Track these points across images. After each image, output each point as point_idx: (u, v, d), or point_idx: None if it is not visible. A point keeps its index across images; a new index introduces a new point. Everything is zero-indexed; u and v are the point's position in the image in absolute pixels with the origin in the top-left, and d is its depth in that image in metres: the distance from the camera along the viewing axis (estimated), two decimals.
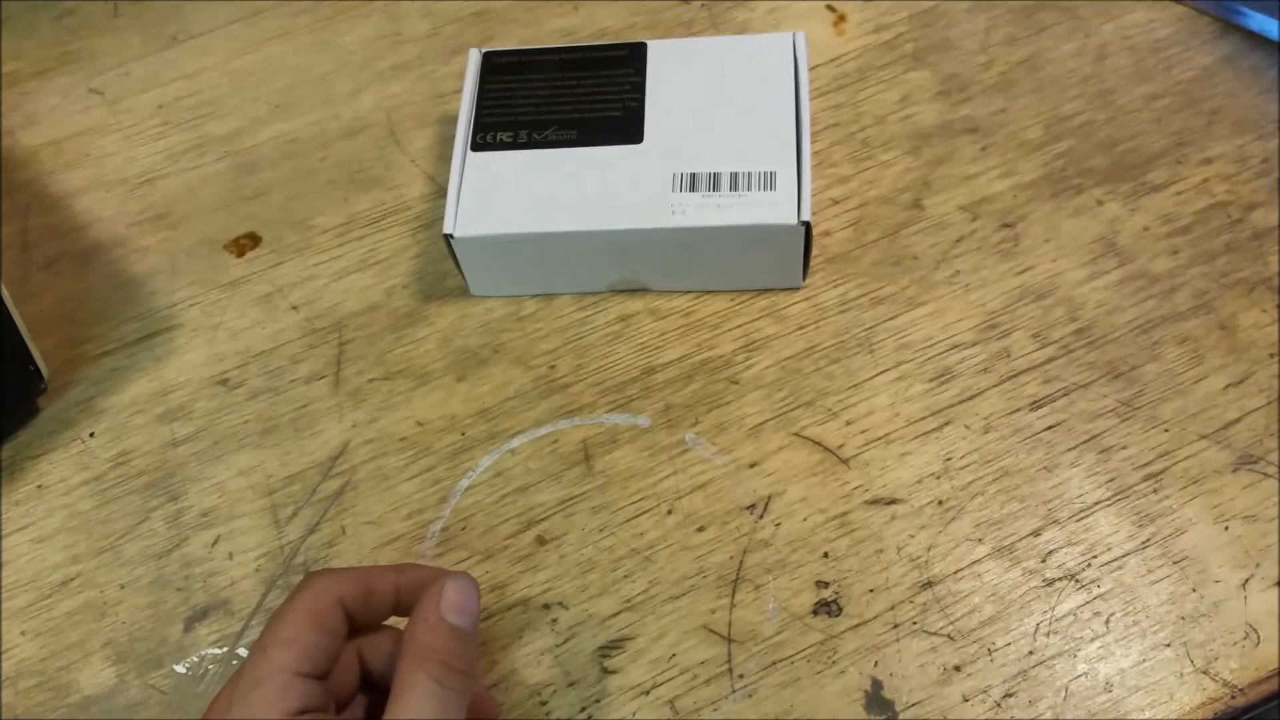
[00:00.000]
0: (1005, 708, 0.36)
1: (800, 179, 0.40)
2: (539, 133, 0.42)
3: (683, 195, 0.40)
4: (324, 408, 0.42)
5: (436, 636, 0.30)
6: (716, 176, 0.41)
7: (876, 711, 0.36)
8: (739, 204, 0.40)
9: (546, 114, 0.43)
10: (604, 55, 0.44)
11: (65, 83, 0.49)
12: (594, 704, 0.36)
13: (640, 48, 0.44)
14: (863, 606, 0.37)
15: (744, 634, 0.37)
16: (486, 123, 0.43)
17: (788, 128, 0.42)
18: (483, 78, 0.44)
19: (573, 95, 0.43)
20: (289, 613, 0.30)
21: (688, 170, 0.41)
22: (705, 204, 0.40)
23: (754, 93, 0.43)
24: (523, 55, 0.44)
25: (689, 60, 0.44)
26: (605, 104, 0.43)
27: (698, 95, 0.43)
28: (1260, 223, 0.44)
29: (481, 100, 0.43)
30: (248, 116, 0.48)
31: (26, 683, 0.37)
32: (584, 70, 0.44)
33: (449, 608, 0.30)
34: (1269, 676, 0.36)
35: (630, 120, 0.42)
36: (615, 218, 0.40)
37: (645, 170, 0.41)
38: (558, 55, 0.44)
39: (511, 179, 0.41)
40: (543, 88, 0.43)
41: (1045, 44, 0.48)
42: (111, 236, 0.46)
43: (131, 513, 0.40)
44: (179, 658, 0.37)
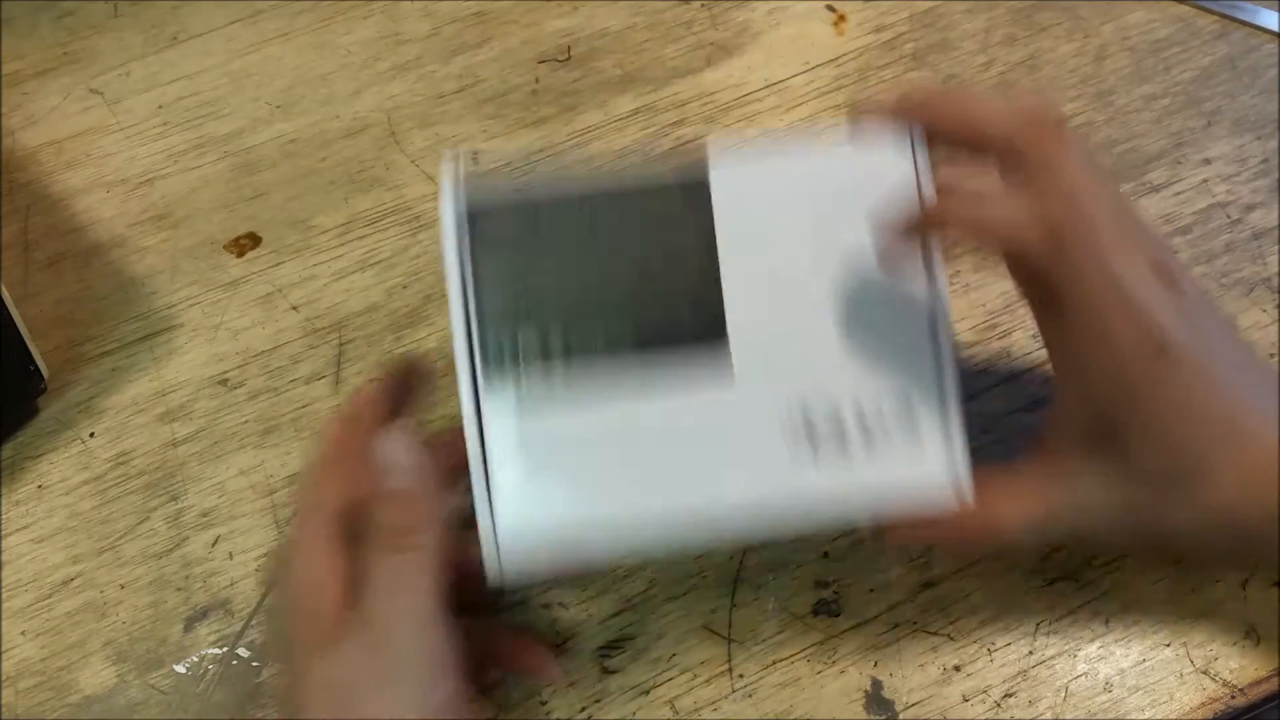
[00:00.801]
0: (1005, 708, 0.36)
1: (946, 408, 0.30)
2: (578, 330, 0.30)
3: (799, 450, 0.30)
4: (324, 408, 0.42)
5: (376, 504, 0.29)
6: (838, 415, 0.30)
7: (876, 711, 0.36)
8: (874, 461, 0.30)
9: (583, 298, 0.30)
10: (649, 200, 0.30)
11: (65, 83, 0.49)
12: (594, 704, 0.36)
13: (698, 171, 0.31)
14: (863, 606, 0.37)
15: (744, 634, 0.37)
16: (496, 314, 0.30)
17: (917, 318, 0.30)
18: (475, 243, 0.30)
19: (615, 264, 0.30)
20: (320, 456, 0.32)
21: (799, 409, 0.30)
22: (830, 465, 0.30)
23: (864, 248, 0.30)
24: (518, 199, 0.30)
25: (769, 202, 0.30)
26: (665, 287, 0.30)
27: (789, 261, 0.30)
28: (1260, 223, 0.44)
29: (480, 277, 0.29)
30: (248, 117, 0.48)
31: (27, 683, 0.37)
32: (623, 216, 0.30)
33: (381, 471, 0.29)
34: (1269, 676, 0.36)
35: (705, 317, 0.30)
36: (712, 495, 0.30)
37: (741, 411, 0.30)
38: (580, 191, 0.30)
39: (561, 443, 0.29)
40: (568, 250, 0.30)
41: (1045, 44, 0.48)
42: (112, 237, 0.46)
43: (131, 513, 0.40)
44: (179, 658, 0.37)
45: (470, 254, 0.29)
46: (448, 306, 0.29)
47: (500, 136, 0.47)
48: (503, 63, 0.49)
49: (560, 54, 0.49)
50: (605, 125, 0.47)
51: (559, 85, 0.48)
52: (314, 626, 0.29)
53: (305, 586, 0.30)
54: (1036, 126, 0.30)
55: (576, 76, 0.48)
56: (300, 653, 0.29)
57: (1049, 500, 0.30)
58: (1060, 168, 0.29)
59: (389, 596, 0.28)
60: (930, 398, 0.30)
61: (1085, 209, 0.27)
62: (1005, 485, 0.31)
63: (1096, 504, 0.30)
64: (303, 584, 0.30)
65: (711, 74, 0.48)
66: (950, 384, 0.30)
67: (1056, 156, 0.29)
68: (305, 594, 0.30)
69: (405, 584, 0.28)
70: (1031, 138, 0.29)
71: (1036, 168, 0.29)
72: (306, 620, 0.29)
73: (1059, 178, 0.29)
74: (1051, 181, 0.29)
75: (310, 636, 0.29)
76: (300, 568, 0.30)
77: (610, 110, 0.47)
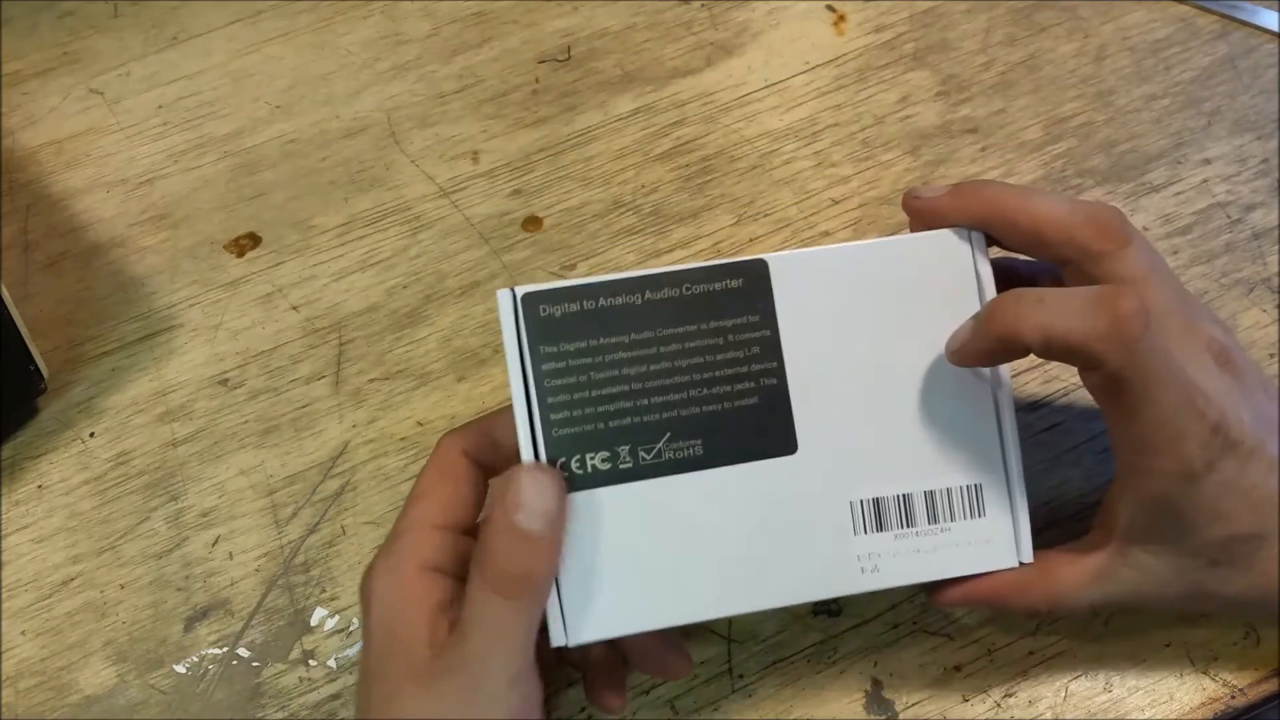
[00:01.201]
0: (1005, 708, 0.36)
1: (1011, 489, 0.31)
2: (647, 449, 0.29)
3: (870, 539, 0.30)
4: (324, 408, 0.42)
5: (497, 539, 0.27)
6: (908, 501, 0.30)
7: (876, 711, 0.36)
8: (943, 545, 0.30)
9: (649, 413, 0.29)
10: (711, 291, 0.30)
11: (65, 83, 0.49)
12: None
13: (760, 272, 0.30)
14: (863, 606, 0.37)
15: (744, 634, 0.37)
16: (565, 438, 0.29)
17: (982, 398, 0.31)
18: (533, 346, 0.29)
19: (680, 371, 0.30)
20: (421, 474, 0.31)
21: (869, 495, 0.30)
22: (900, 550, 0.30)
23: (926, 341, 0.31)
24: (583, 297, 0.29)
25: (829, 291, 0.31)
26: (729, 384, 0.30)
27: (852, 353, 0.30)
28: (1260, 223, 0.44)
29: (544, 394, 0.29)
30: (248, 117, 0.48)
31: (27, 683, 0.37)
32: (685, 321, 0.30)
33: (513, 505, 0.27)
34: (1269, 676, 0.36)
35: (773, 411, 0.30)
36: (784, 590, 0.30)
37: (810, 498, 0.30)
38: (639, 294, 0.30)
39: (625, 541, 0.29)
40: (631, 361, 0.30)
41: (1045, 44, 0.48)
42: (112, 237, 0.46)
43: (131, 513, 0.40)
44: (179, 658, 0.37)
45: (533, 366, 0.29)
46: (508, 394, 0.30)
47: (500, 136, 0.47)
48: (503, 63, 0.49)
49: (560, 54, 0.49)
50: (605, 125, 0.47)
51: (559, 85, 0.48)
52: (405, 660, 0.28)
53: (397, 614, 0.29)
54: (1098, 225, 0.30)
55: (576, 76, 0.48)
56: (384, 685, 0.28)
57: (1108, 568, 0.31)
58: (1124, 268, 0.30)
59: (489, 642, 0.27)
60: (997, 480, 0.31)
61: (1152, 308, 0.27)
62: (1066, 554, 0.32)
63: (1153, 573, 0.31)
64: (395, 611, 0.29)
65: (711, 74, 0.48)
66: (1015, 465, 0.31)
67: (1120, 257, 0.30)
68: (398, 622, 0.29)
69: (507, 632, 0.27)
70: (1093, 236, 0.30)
71: (1100, 270, 0.30)
72: (397, 652, 0.28)
73: (1123, 277, 0.29)
74: (1117, 281, 0.29)
75: (399, 670, 0.28)
76: (393, 592, 0.29)
77: (610, 110, 0.47)
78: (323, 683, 0.37)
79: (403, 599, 0.29)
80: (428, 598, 0.29)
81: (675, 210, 0.45)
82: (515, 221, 0.45)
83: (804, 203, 0.45)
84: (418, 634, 0.28)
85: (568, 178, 0.46)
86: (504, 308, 0.29)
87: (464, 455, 0.31)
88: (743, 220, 0.45)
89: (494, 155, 0.47)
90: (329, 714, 0.37)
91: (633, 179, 0.46)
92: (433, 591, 0.29)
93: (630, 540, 0.29)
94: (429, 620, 0.28)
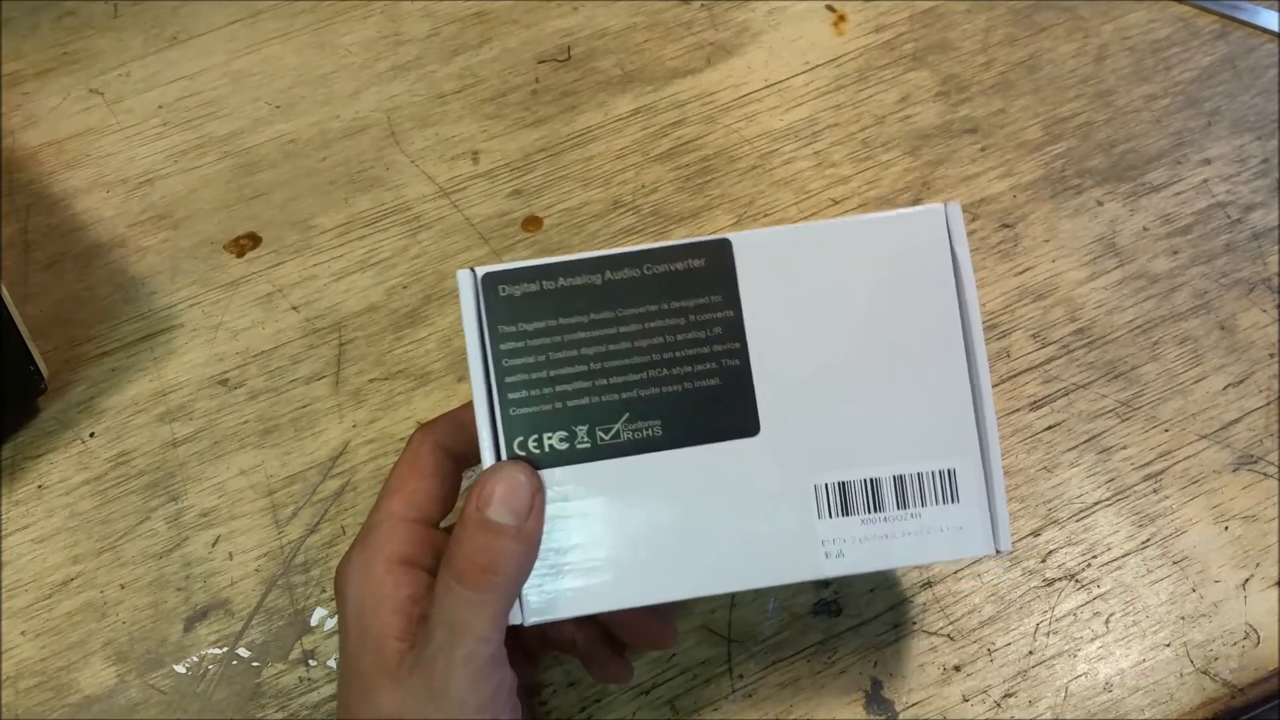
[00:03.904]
0: (1005, 708, 0.36)
1: (989, 475, 0.30)
2: (605, 429, 0.29)
3: (834, 523, 0.29)
4: (324, 408, 0.42)
5: (465, 531, 0.27)
6: (875, 485, 0.29)
7: (876, 711, 0.36)
8: (913, 531, 0.29)
9: (608, 393, 0.29)
10: (673, 271, 0.30)
11: (65, 83, 0.49)
12: (594, 704, 0.36)
13: (723, 251, 0.30)
14: (863, 606, 0.37)
15: (744, 634, 0.37)
16: (522, 417, 0.29)
17: (957, 381, 0.30)
18: (492, 326, 0.29)
19: (640, 351, 0.29)
20: (393, 468, 0.31)
21: (833, 478, 0.29)
22: (867, 535, 0.29)
23: (898, 321, 0.30)
24: (543, 277, 0.29)
25: (796, 271, 0.30)
26: (690, 365, 0.29)
27: (819, 335, 0.30)
28: (1260, 223, 0.44)
29: (502, 373, 0.29)
30: (248, 117, 0.48)
31: (27, 683, 0.37)
32: (646, 301, 0.29)
33: (484, 499, 0.27)
34: (1269, 676, 0.36)
35: (734, 393, 0.29)
36: (742, 574, 0.29)
37: (772, 481, 0.29)
38: (599, 274, 0.29)
39: (583, 523, 0.29)
40: (590, 341, 0.29)
41: (1045, 44, 0.48)
42: (112, 237, 0.46)
43: (132, 513, 0.40)
44: (179, 658, 0.37)
45: (491, 345, 0.29)
46: (469, 381, 0.29)
47: (500, 136, 0.47)
48: (503, 63, 0.49)
49: (560, 54, 0.49)
50: (605, 125, 0.47)
51: (559, 85, 0.48)
52: (377, 655, 0.28)
53: (370, 609, 0.29)
54: None
55: (576, 76, 0.48)
56: (360, 680, 0.28)
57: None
58: None
59: (452, 641, 0.27)
60: (972, 466, 0.30)
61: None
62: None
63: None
64: (367, 606, 0.29)
65: (711, 74, 0.48)
66: (992, 451, 0.30)
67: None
68: (370, 617, 0.29)
69: (470, 630, 0.27)
70: None
71: None
72: (370, 646, 0.28)
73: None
74: None
75: (372, 665, 0.28)
76: (365, 586, 0.29)
77: (610, 110, 0.47)
78: (323, 683, 0.37)
79: (374, 594, 0.29)
80: (399, 592, 0.29)
81: (675, 210, 0.45)
82: (515, 221, 0.45)
83: (804, 203, 0.45)
84: (390, 628, 0.28)
85: (568, 178, 0.46)
86: (464, 288, 0.29)
87: (436, 448, 0.31)
88: (743, 220, 0.45)
89: (494, 155, 0.47)
90: (329, 714, 0.37)
91: (633, 179, 0.46)
92: (404, 585, 0.29)
93: (587, 521, 0.29)
94: (401, 614, 0.29)
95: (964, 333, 0.30)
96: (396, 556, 0.29)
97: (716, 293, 0.29)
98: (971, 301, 0.29)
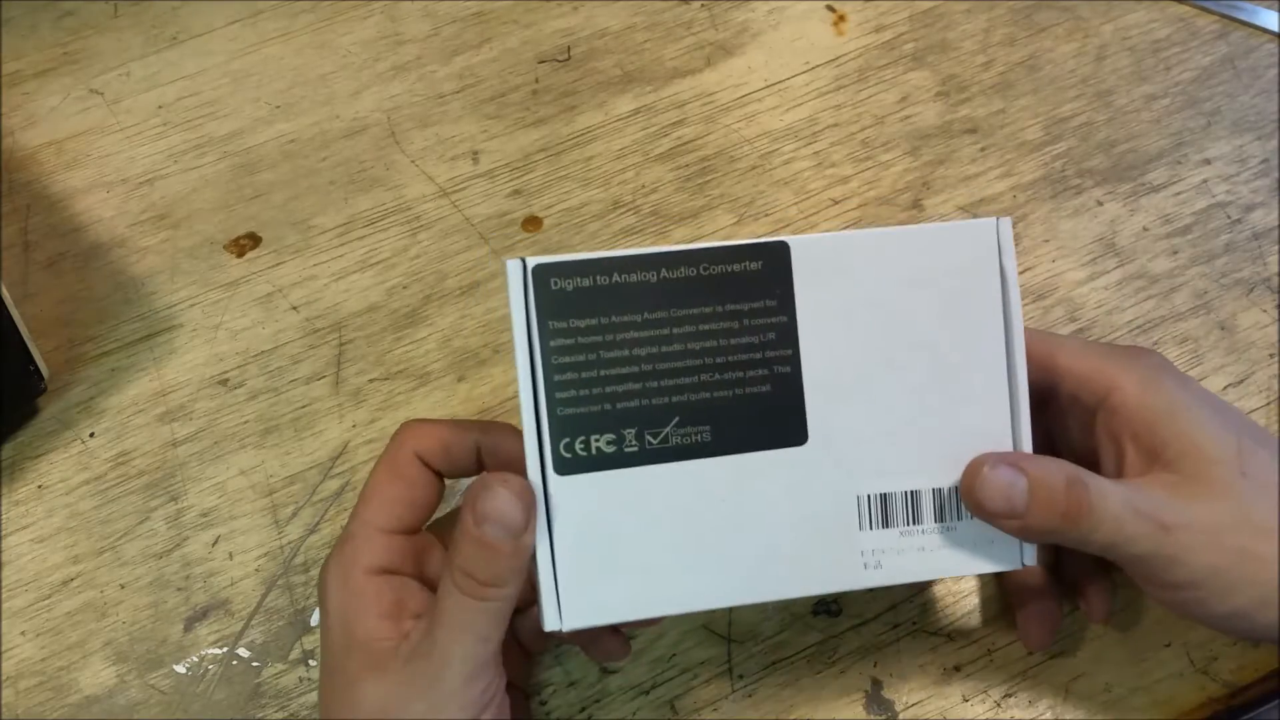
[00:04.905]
0: (1005, 708, 0.36)
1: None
2: (654, 433, 0.28)
3: (874, 535, 0.29)
4: (324, 408, 0.42)
5: (464, 545, 0.27)
6: (915, 498, 0.30)
7: (876, 711, 0.36)
8: (948, 544, 0.30)
9: (658, 396, 0.28)
10: (729, 272, 0.29)
11: (65, 83, 0.49)
12: (594, 704, 0.36)
13: (781, 255, 0.29)
14: (863, 606, 0.37)
15: (744, 634, 0.37)
16: (570, 418, 0.28)
17: (997, 396, 0.30)
18: (542, 321, 0.28)
19: (693, 354, 0.28)
20: (373, 470, 0.31)
21: (876, 489, 0.29)
22: (905, 547, 0.29)
23: (944, 335, 0.30)
24: (597, 272, 0.28)
25: (848, 278, 0.29)
26: (742, 370, 0.29)
27: (867, 343, 0.29)
28: (1260, 223, 0.44)
29: (551, 371, 0.28)
30: (248, 117, 0.48)
31: (27, 683, 0.37)
32: (700, 302, 0.29)
33: (479, 516, 0.27)
34: (1269, 676, 0.36)
35: (785, 400, 0.29)
36: (784, 583, 0.29)
37: (817, 491, 0.29)
38: (655, 272, 0.28)
39: (626, 527, 0.28)
40: (642, 341, 0.28)
41: (1045, 44, 0.48)
42: (112, 237, 0.46)
43: (131, 513, 0.40)
44: (179, 658, 0.37)
45: (541, 342, 0.28)
46: (517, 391, 0.29)
47: (500, 136, 0.47)
48: (503, 63, 0.49)
49: (560, 54, 0.49)
50: (605, 125, 0.47)
51: (559, 85, 0.48)
52: (365, 655, 0.28)
53: (353, 617, 0.29)
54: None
55: (576, 76, 0.48)
56: (344, 676, 0.29)
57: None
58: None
59: (451, 638, 0.27)
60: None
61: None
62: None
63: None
64: (349, 614, 0.29)
65: (711, 74, 0.48)
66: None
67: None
68: (355, 624, 0.29)
69: (470, 629, 0.27)
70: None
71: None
72: (356, 648, 0.29)
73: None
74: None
75: (358, 663, 0.28)
76: (345, 596, 0.29)
77: (610, 110, 0.47)
78: None
79: (355, 603, 0.29)
80: (380, 600, 0.29)
81: (675, 210, 0.45)
82: (515, 221, 0.45)
83: (804, 203, 0.45)
84: (376, 633, 0.29)
85: (568, 178, 0.46)
86: (513, 279, 0.28)
87: (415, 459, 0.31)
88: (743, 220, 0.45)
89: (494, 155, 0.47)
90: None
91: (632, 179, 0.46)
92: (385, 593, 0.29)
93: (631, 526, 0.28)
94: (388, 618, 0.29)
95: (1007, 348, 0.30)
96: (375, 567, 0.30)
97: (772, 297, 0.29)
98: (1016, 316, 0.29)
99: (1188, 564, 0.28)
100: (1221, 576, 0.28)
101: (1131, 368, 0.31)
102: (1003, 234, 0.30)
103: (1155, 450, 0.30)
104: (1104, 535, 0.28)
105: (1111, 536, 0.28)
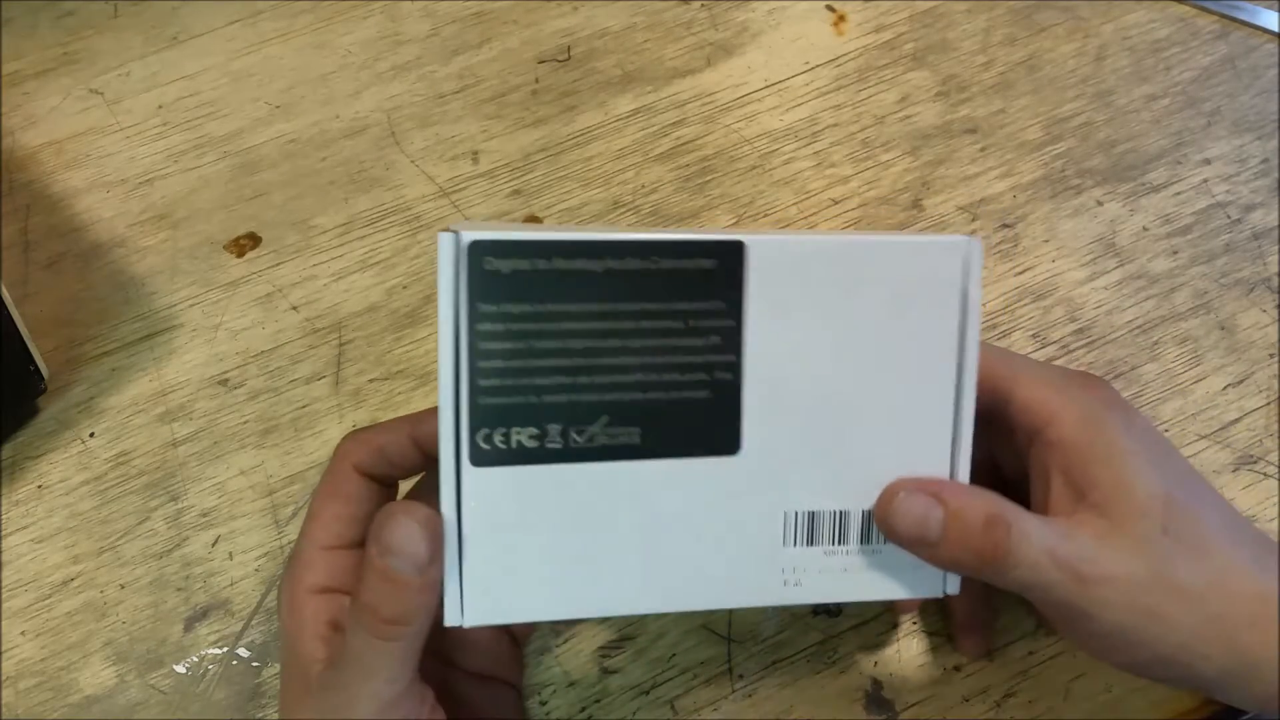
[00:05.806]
0: (1005, 708, 0.36)
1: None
2: (579, 430, 0.27)
3: (797, 552, 0.28)
4: (324, 408, 0.42)
5: (369, 579, 0.26)
6: (843, 518, 0.29)
7: (876, 711, 0.36)
8: (871, 566, 0.29)
9: (588, 392, 0.27)
10: (680, 269, 0.27)
11: (65, 83, 0.49)
12: (594, 704, 0.36)
13: (735, 254, 0.27)
14: (863, 606, 0.37)
15: (744, 634, 0.37)
16: (491, 408, 0.27)
17: (940, 422, 0.29)
18: (472, 302, 0.26)
19: (631, 352, 0.27)
20: (315, 490, 0.31)
21: (804, 507, 0.28)
22: (828, 566, 0.29)
23: (894, 356, 0.28)
24: (537, 254, 0.26)
25: (803, 286, 0.28)
26: (680, 373, 0.27)
27: (814, 356, 0.28)
28: (1260, 223, 0.44)
29: (476, 356, 0.26)
30: (248, 117, 0.48)
31: (26, 683, 0.37)
32: (645, 297, 0.27)
33: (382, 548, 0.26)
34: None
35: (721, 408, 0.28)
36: (699, 595, 0.28)
37: (743, 503, 0.28)
38: (601, 260, 0.27)
39: (542, 525, 0.27)
40: (578, 334, 0.27)
41: (1045, 44, 0.48)
42: (112, 237, 0.46)
43: (131, 513, 0.40)
44: (179, 658, 0.37)
45: (468, 323, 0.26)
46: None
47: (500, 136, 0.47)
48: (503, 63, 0.49)
49: (560, 54, 0.49)
50: (605, 125, 0.47)
51: (559, 85, 0.48)
52: (301, 675, 0.29)
53: (293, 635, 0.29)
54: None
55: (576, 76, 0.48)
56: (286, 695, 0.30)
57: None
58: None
59: (356, 680, 0.27)
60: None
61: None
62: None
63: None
64: (291, 632, 0.29)
65: (711, 74, 0.48)
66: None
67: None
68: (295, 641, 0.29)
69: (376, 672, 0.27)
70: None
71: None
72: (295, 666, 0.29)
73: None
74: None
75: (296, 683, 0.29)
76: (288, 614, 0.30)
77: (610, 110, 0.47)
78: None
79: (296, 622, 0.29)
80: (317, 620, 0.29)
81: (675, 210, 0.45)
82: (515, 221, 0.45)
83: (804, 203, 0.45)
84: (312, 653, 0.29)
85: (568, 178, 0.46)
86: (444, 254, 0.26)
87: (353, 473, 0.30)
88: (743, 220, 0.45)
89: (494, 155, 0.47)
90: None
91: (632, 179, 0.46)
92: (322, 613, 0.29)
93: (547, 524, 0.27)
94: (321, 639, 0.29)
95: (958, 376, 0.29)
96: (315, 586, 0.30)
97: (721, 299, 0.27)
98: (972, 343, 0.28)
99: (1099, 619, 0.28)
100: (1128, 635, 0.28)
101: (1075, 400, 0.30)
102: (971, 257, 0.28)
103: (1083, 490, 0.29)
104: (1019, 577, 0.28)
105: (1027, 580, 0.28)
